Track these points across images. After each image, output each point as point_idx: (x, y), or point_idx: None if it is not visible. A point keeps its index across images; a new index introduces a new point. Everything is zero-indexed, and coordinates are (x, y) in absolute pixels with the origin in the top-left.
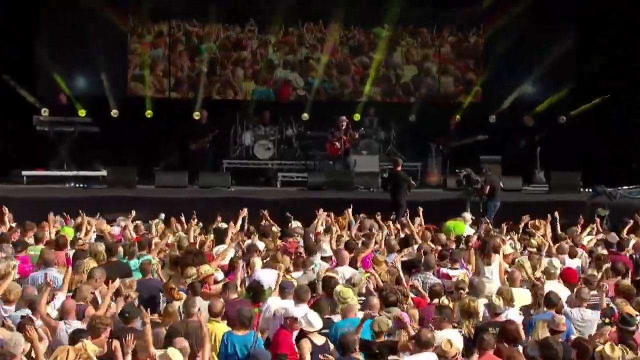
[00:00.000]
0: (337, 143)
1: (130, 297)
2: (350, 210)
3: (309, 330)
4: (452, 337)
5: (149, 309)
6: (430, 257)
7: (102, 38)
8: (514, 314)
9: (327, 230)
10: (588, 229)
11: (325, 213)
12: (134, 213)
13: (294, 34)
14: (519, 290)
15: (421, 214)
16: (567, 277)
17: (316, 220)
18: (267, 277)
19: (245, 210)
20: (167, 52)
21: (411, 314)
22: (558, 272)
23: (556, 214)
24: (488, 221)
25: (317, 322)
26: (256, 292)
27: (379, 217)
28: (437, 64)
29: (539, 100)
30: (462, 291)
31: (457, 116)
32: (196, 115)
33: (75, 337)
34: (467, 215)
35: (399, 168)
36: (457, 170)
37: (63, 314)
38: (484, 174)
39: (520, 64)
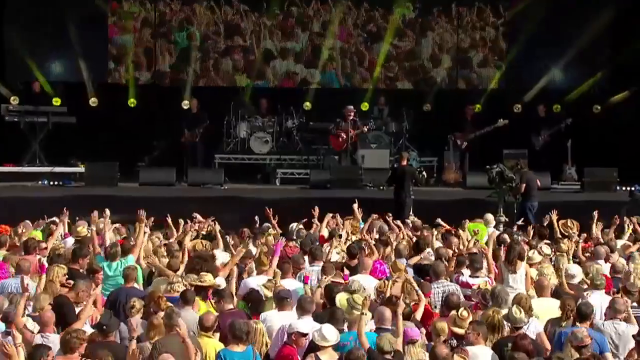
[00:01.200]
0: (343, 135)
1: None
2: (356, 206)
3: (324, 345)
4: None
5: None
6: (439, 263)
7: (80, 19)
8: (536, 327)
9: (332, 234)
10: (628, 233)
11: (331, 215)
12: (108, 213)
13: (295, 14)
14: (548, 301)
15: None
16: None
17: (317, 221)
18: (257, 284)
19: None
20: (152, 33)
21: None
22: (602, 282)
23: (595, 213)
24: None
25: (332, 335)
26: (255, 303)
27: (390, 218)
28: (455, 47)
29: (570, 87)
30: (485, 302)
31: (478, 106)
32: (185, 104)
33: (35, 354)
34: (489, 217)
35: (405, 162)
36: (487, 167)
37: (40, 326)
38: (519, 171)
39: (548, 47)
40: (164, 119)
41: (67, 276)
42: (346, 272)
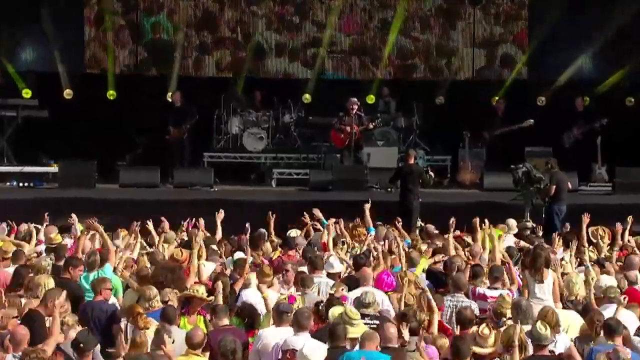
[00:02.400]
0: (347, 129)
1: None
2: (368, 207)
3: None
4: None
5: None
6: (460, 276)
7: (54, 3)
8: (564, 343)
9: (335, 241)
10: None
11: (334, 220)
12: (75, 217)
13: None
14: (570, 314)
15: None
16: (633, 298)
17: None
18: (256, 299)
19: (222, 212)
20: (133, 20)
21: (440, 345)
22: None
23: (629, 219)
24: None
25: (315, 355)
26: (251, 318)
27: (399, 224)
28: (471, 34)
29: (600, 78)
30: (504, 317)
31: (496, 97)
32: (169, 96)
33: None
34: (512, 222)
35: (412, 160)
36: (512, 167)
37: (12, 345)
38: (549, 171)
39: (575, 33)
40: (148, 113)
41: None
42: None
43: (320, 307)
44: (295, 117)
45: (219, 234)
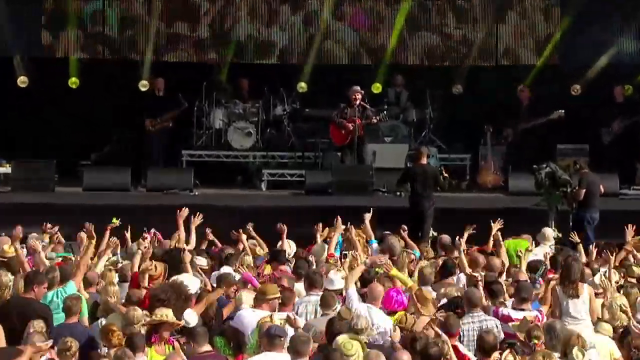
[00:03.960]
0: (348, 125)
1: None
2: (368, 217)
3: None
4: None
5: None
6: (473, 290)
7: None
8: None
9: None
10: None
11: (342, 226)
12: (20, 229)
13: None
14: (604, 340)
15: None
16: None
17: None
18: (251, 321)
19: (200, 216)
20: None
21: None
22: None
23: None
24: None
25: None
26: (238, 341)
27: (405, 233)
28: (493, 12)
29: None
30: (535, 340)
31: (520, 85)
32: (143, 85)
33: None
34: (548, 232)
35: (424, 160)
36: (534, 167)
37: None
38: (577, 172)
39: (613, 12)
40: (117, 104)
41: None
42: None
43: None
44: (288, 109)
45: (191, 243)
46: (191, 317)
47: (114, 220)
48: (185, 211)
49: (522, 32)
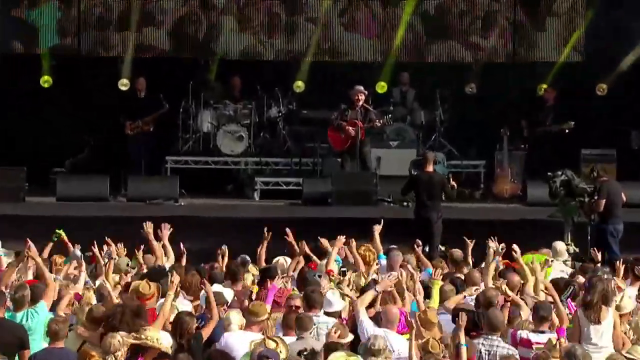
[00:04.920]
0: (349, 129)
1: None
2: (378, 229)
3: None
4: None
5: None
6: (496, 313)
7: None
8: None
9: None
10: None
11: (343, 239)
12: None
13: None
14: None
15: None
16: None
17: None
18: (242, 344)
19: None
20: None
21: None
22: None
23: None
24: (595, 255)
25: None
26: None
27: (419, 249)
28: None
29: None
30: None
31: (544, 85)
32: (123, 84)
33: None
34: (560, 246)
35: (431, 167)
36: (549, 174)
37: None
38: (596, 180)
39: None
40: (94, 105)
41: None
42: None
43: (304, 356)
44: (284, 110)
45: (170, 258)
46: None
47: (58, 231)
48: (149, 227)
49: (540, 31)
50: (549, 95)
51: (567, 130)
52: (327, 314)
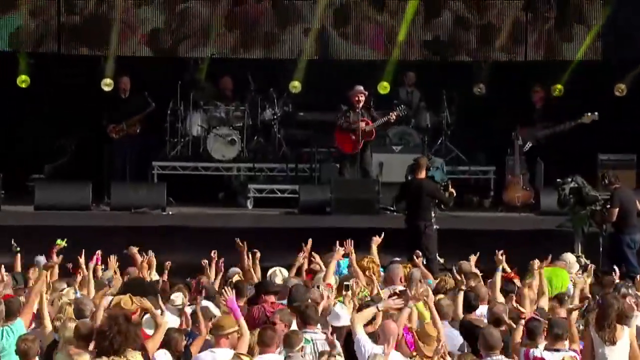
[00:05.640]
0: (360, 127)
1: None
2: (377, 242)
3: None
4: None
5: None
6: (491, 331)
7: None
8: None
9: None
10: None
11: (342, 250)
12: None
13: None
14: None
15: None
16: None
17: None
18: None
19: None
20: None
21: None
22: None
23: None
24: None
25: None
26: None
27: (419, 260)
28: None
29: None
30: None
31: (559, 87)
32: (106, 84)
33: None
34: (571, 258)
35: (423, 173)
36: (558, 180)
37: None
38: (608, 187)
39: None
40: (75, 107)
41: None
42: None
43: None
44: (279, 112)
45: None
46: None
47: (59, 242)
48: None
49: (557, 20)
50: (537, 97)
51: (588, 122)
52: (334, 328)
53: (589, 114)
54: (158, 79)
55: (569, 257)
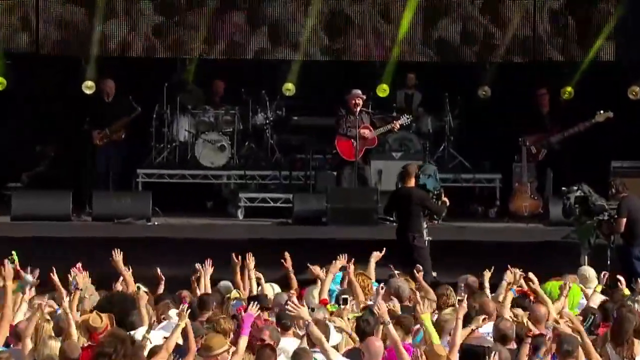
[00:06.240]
0: (364, 131)
1: None
2: (377, 257)
3: None
4: None
5: None
6: (500, 349)
7: None
8: None
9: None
10: None
11: (339, 263)
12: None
13: None
14: None
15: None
16: None
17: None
18: None
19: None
20: None
21: None
22: None
23: None
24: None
25: None
26: None
27: (420, 275)
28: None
29: None
30: None
31: (568, 89)
32: (88, 86)
33: None
34: (589, 271)
35: (412, 181)
36: (563, 189)
37: None
38: (616, 196)
39: None
40: (54, 111)
41: None
42: None
43: None
44: (272, 116)
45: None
46: None
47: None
48: (119, 256)
49: (566, 19)
50: (544, 101)
51: (603, 120)
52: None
53: (602, 111)
54: (143, 82)
55: (588, 270)
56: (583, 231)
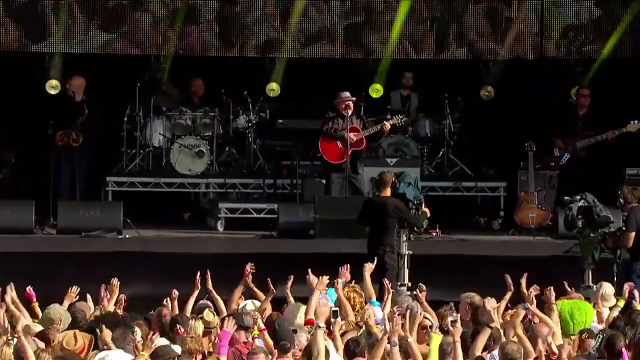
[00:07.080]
0: (350, 136)
1: None
2: (370, 269)
3: None
4: None
5: None
6: None
7: None
8: None
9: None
10: None
11: (327, 278)
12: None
13: None
14: None
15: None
16: None
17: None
18: None
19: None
20: None
21: None
22: None
23: None
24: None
25: None
26: None
27: (423, 295)
28: None
29: None
30: None
31: (576, 88)
32: (52, 86)
33: None
34: (608, 289)
35: (387, 190)
36: (565, 198)
37: None
38: (624, 207)
39: None
40: (15, 112)
41: None
42: None
43: None
44: (255, 119)
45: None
46: None
47: None
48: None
49: (577, 12)
50: (582, 101)
51: (634, 131)
52: None
53: (637, 121)
54: (113, 80)
55: (607, 287)
56: (586, 245)
